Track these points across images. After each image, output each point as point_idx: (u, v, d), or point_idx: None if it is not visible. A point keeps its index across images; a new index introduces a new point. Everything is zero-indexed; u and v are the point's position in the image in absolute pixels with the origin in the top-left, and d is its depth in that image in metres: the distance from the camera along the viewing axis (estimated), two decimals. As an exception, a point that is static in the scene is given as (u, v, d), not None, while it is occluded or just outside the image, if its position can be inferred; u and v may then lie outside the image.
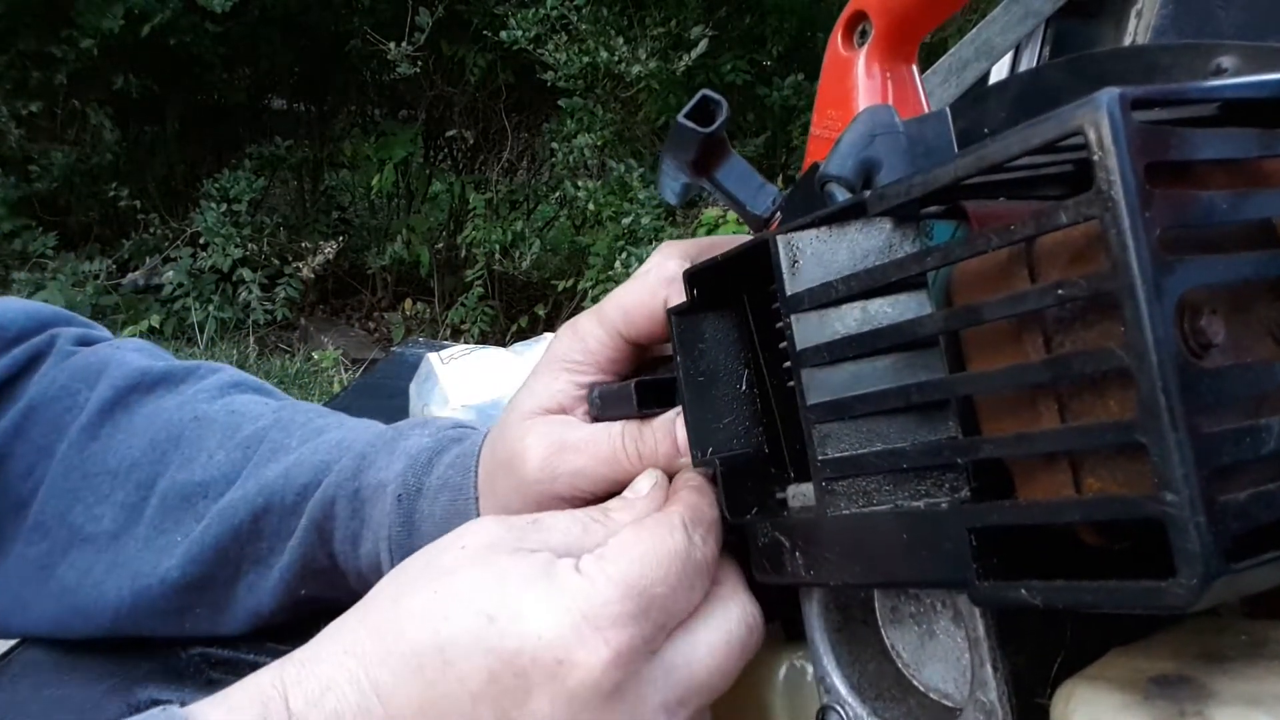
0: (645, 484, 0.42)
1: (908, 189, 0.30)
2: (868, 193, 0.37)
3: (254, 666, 0.34)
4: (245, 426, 0.50)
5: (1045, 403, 0.26)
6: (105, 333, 0.56)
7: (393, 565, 0.47)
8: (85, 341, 0.54)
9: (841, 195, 0.37)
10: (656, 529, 0.36)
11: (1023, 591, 0.26)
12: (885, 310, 0.32)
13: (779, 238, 0.34)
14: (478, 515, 0.47)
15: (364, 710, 0.33)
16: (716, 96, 0.46)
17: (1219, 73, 0.47)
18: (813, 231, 0.34)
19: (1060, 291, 0.24)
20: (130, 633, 0.49)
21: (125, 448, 0.48)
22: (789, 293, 0.33)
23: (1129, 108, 0.23)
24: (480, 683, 0.33)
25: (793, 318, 0.33)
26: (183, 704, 0.33)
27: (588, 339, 0.47)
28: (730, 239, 0.51)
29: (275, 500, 0.48)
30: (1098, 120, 0.23)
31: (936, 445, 0.29)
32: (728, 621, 0.37)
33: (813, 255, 0.34)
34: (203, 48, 4.08)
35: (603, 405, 0.46)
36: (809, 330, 0.33)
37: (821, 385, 0.33)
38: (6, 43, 3.80)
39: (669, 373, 0.45)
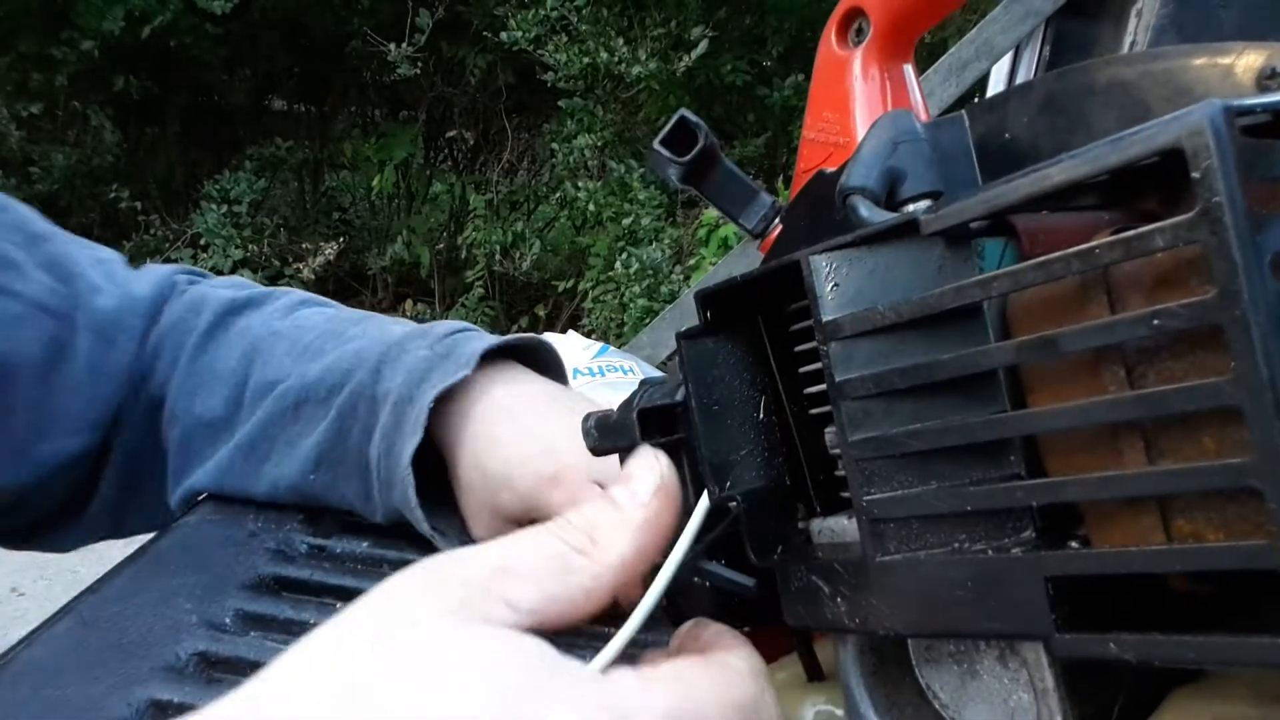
0: (647, 485, 0.31)
1: (965, 209, 0.28)
2: (912, 208, 0.35)
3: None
4: (304, 337, 0.66)
5: (1129, 440, 0.24)
6: (206, 274, 0.76)
7: (385, 461, 0.57)
8: (193, 281, 0.73)
9: (867, 208, 0.35)
10: (724, 669, 0.28)
11: (1112, 646, 0.24)
12: (925, 339, 0.30)
13: (813, 258, 0.31)
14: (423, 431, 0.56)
15: None
16: (695, 119, 0.43)
17: (1273, 77, 0.45)
18: (851, 251, 0.31)
19: (1157, 322, 0.21)
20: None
21: (225, 358, 0.67)
22: (826, 318, 0.31)
23: (1234, 121, 0.21)
24: None
25: (831, 345, 0.31)
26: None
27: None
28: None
29: (311, 394, 0.62)
30: (1200, 136, 0.20)
31: (1008, 488, 0.27)
32: None
33: (851, 277, 0.31)
34: (203, 49, 4.06)
35: (600, 436, 0.42)
36: (847, 359, 0.31)
37: (863, 418, 0.30)
38: (7, 45, 3.78)
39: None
